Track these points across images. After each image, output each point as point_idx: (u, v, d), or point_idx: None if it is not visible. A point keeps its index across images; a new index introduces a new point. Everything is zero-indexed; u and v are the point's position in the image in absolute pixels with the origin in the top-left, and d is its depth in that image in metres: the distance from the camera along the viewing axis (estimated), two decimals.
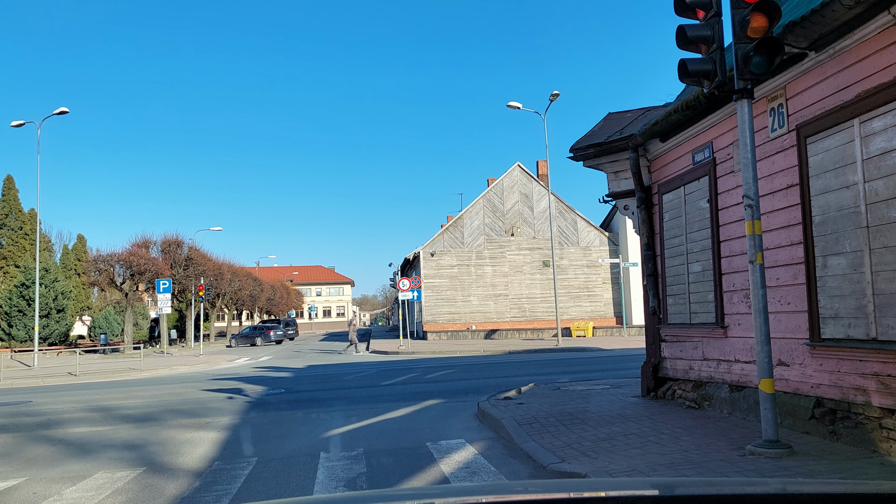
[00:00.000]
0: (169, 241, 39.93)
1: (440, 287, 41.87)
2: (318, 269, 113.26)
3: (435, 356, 25.46)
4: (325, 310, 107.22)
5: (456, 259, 42.20)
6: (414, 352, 27.47)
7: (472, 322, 41.47)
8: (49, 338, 41.08)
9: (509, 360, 20.94)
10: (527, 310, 42.22)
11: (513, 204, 42.94)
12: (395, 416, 9.64)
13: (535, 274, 42.54)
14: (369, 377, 16.82)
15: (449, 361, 21.36)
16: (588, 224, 43.13)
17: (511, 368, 17.83)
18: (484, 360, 21.82)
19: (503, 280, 42.29)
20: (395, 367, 19.65)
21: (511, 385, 12.73)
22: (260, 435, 8.77)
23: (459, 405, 10.59)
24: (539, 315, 42.14)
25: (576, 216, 43.11)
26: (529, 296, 42.27)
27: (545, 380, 12.68)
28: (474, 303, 41.85)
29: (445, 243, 42.21)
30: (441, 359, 23.32)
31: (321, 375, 18.21)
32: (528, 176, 43.18)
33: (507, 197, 42.95)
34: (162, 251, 39.81)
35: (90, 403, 13.10)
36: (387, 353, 28.18)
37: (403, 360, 23.17)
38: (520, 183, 43.10)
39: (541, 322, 41.67)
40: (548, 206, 43.04)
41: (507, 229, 42.69)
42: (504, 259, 42.43)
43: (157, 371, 23.63)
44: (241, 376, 18.72)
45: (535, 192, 43.09)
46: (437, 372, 17.06)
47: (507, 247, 42.54)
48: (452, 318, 41.65)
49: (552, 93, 26.09)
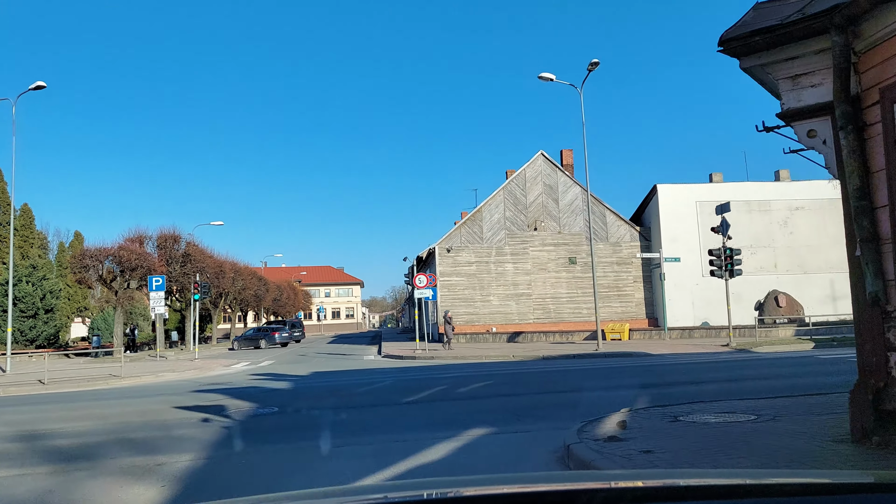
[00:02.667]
0: (165, 236, 36.98)
1: (457, 286, 38.69)
2: (326, 269, 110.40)
3: (458, 362, 22.25)
4: (333, 311, 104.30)
5: (474, 255, 39.00)
6: (433, 357, 24.29)
7: (492, 324, 38.24)
8: (36, 340, 38.19)
9: (550, 368, 17.69)
10: (551, 311, 38.95)
11: (536, 196, 39.71)
12: (431, 461, 6.46)
13: (560, 272, 39.28)
14: (386, 391, 13.64)
15: (479, 369, 18.15)
16: (617, 217, 39.84)
17: (560, 379, 14.61)
18: (519, 368, 18.58)
19: (526, 279, 39.05)
20: (416, 377, 16.47)
21: (575, 403, 9.54)
22: (225, 493, 5.62)
23: (521, 438, 7.43)
24: (565, 316, 38.85)
25: (604, 209, 39.82)
26: (554, 296, 39.01)
27: (623, 399, 9.46)
28: (494, 303, 38.63)
29: (463, 239, 39.02)
30: (467, 366, 20.11)
31: (326, 387, 15.04)
32: (552, 166, 39.94)
33: (529, 188, 39.71)
34: (158, 246, 36.86)
35: (21, 427, 10.00)
36: (402, 359, 25.02)
37: (423, 368, 19.98)
38: (543, 173, 39.87)
39: (567, 324, 38.38)
40: (574, 199, 39.85)
41: (530, 223, 39.46)
42: (526, 256, 39.19)
43: (139, 378, 20.57)
44: (231, 387, 15.61)
45: (561, 182, 39.85)
46: (470, 384, 13.84)
47: (530, 242, 39.30)
48: (471, 319, 38.42)
49: (591, 62, 22.82)
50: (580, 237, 39.50)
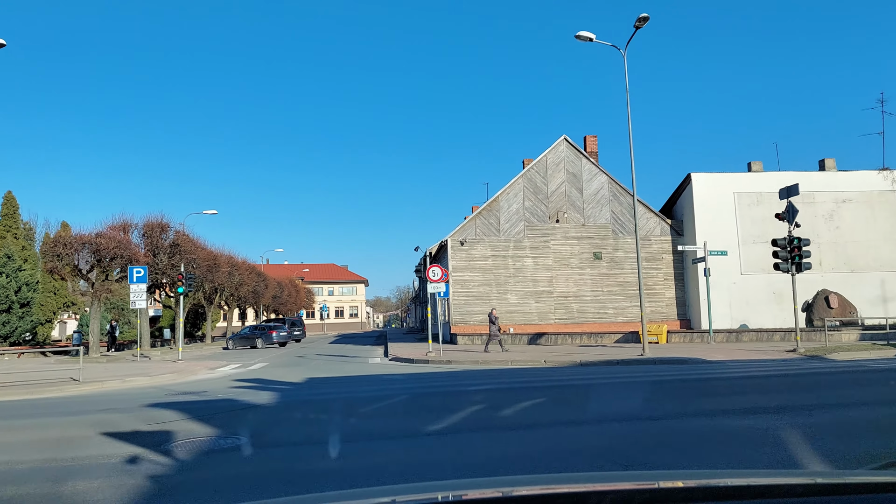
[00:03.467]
0: (152, 225, 33.68)
1: (471, 282, 35.29)
2: (330, 267, 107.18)
3: (481, 367, 18.84)
4: (337, 310, 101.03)
5: (490, 249, 35.60)
6: (449, 360, 20.89)
7: (509, 324, 34.81)
8: (11, 336, 34.95)
9: (604, 379, 14.24)
10: (574, 310, 35.51)
11: (558, 185, 36.27)
12: None
13: (584, 268, 35.83)
14: (400, 411, 10.18)
15: (511, 378, 14.74)
16: (647, 209, 36.37)
17: (631, 395, 11.17)
18: (562, 377, 15.13)
19: (546, 275, 35.62)
20: (437, 388, 13.08)
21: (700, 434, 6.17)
22: None
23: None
24: (589, 317, 35.41)
25: (632, 200, 36.30)
26: (578, 294, 35.57)
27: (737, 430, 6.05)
28: (512, 301, 35.21)
29: (478, 230, 35.62)
30: (495, 373, 16.70)
31: (321, 402, 11.65)
32: (576, 152, 36.50)
33: (551, 176, 36.28)
34: (143, 236, 33.56)
35: None
36: (413, 362, 21.64)
37: (442, 375, 16.59)
38: (567, 160, 36.44)
39: (593, 325, 34.93)
40: (600, 188, 36.41)
41: (552, 215, 36.03)
42: (547, 250, 35.76)
43: (101, 384, 17.25)
44: (200, 399, 12.26)
45: (585, 170, 36.40)
46: (514, 402, 10.38)
47: (552, 235, 35.87)
48: (485, 318, 34.97)
49: (639, 17, 19.36)
50: (606, 230, 36.08)
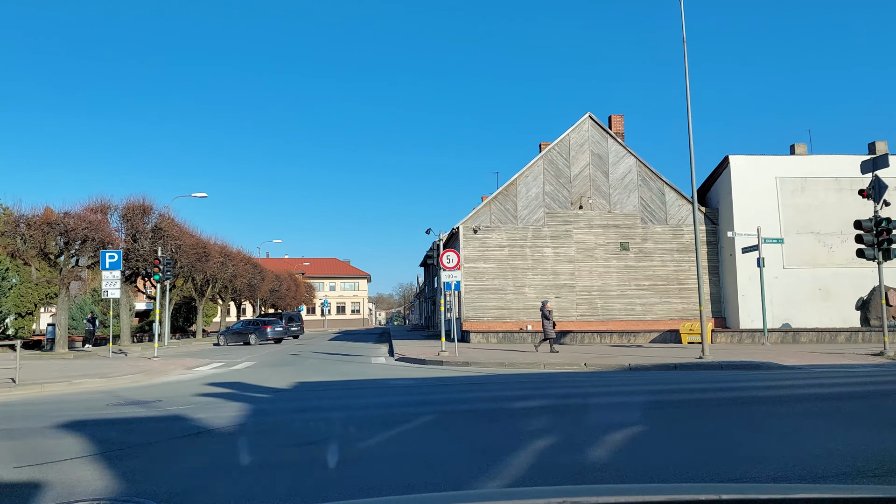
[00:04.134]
0: (133, 206, 30.38)
1: (485, 274, 31.94)
2: (332, 261, 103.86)
3: (509, 371, 15.48)
4: (339, 306, 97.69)
5: (506, 238, 32.24)
6: (467, 361, 17.53)
7: (527, 320, 31.46)
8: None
9: (686, 390, 10.84)
10: (599, 306, 32.14)
11: (582, 167, 32.88)
12: None
13: (610, 259, 32.45)
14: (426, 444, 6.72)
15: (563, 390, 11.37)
16: (678, 195, 32.97)
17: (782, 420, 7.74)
18: (628, 387, 11.70)
19: (568, 267, 32.25)
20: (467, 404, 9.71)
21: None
22: None
23: None
24: (615, 313, 32.04)
25: (663, 185, 32.98)
26: (603, 288, 32.19)
27: None
28: (530, 295, 31.83)
29: (493, 217, 32.25)
30: (533, 379, 13.31)
31: (305, 423, 8.28)
32: (601, 131, 33.11)
33: (574, 158, 32.89)
34: (123, 218, 30.27)
35: None
36: (424, 364, 18.31)
37: (463, 381, 13.23)
38: (592, 140, 33.04)
39: (619, 323, 31.57)
40: (628, 171, 33.01)
41: (574, 200, 32.65)
42: (570, 239, 32.39)
43: (39, 388, 13.99)
44: (137, 417, 8.97)
45: (612, 152, 33.00)
46: (598, 432, 6.82)
47: (574, 223, 32.50)
48: (501, 314, 31.67)
49: None
50: (634, 218, 32.69)
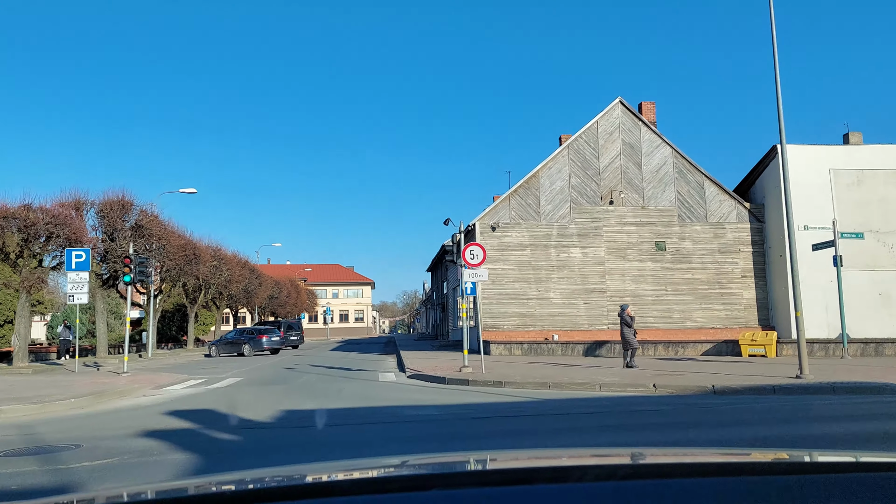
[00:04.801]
0: (110, 202, 27.08)
1: (505, 276, 28.53)
2: (334, 267, 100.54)
3: (558, 395, 12.01)
4: (342, 313, 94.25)
5: (528, 236, 28.85)
6: (500, 381, 14.09)
7: (552, 329, 28.03)
8: None
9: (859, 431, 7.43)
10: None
11: (612, 158, 29.51)
12: None
13: (644, 261, 29.03)
14: None
15: (652, 426, 7.94)
16: (720, 189, 29.57)
17: None
18: (734, 421, 8.29)
19: (598, 269, 28.83)
20: None
21: None
22: None
23: None
24: (651, 321, 28.55)
25: (702, 178, 29.59)
26: (636, 293, 28.74)
27: None
28: (555, 301, 28.42)
29: (513, 213, 28.89)
30: (597, 407, 9.89)
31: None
32: (633, 118, 29.76)
33: (603, 148, 29.53)
34: (100, 215, 26.99)
35: None
36: (444, 382, 14.90)
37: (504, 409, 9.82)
38: (623, 128, 29.69)
39: (654, 332, 28.06)
40: (663, 163, 29.63)
41: (604, 195, 29.27)
42: (599, 238, 28.98)
43: None
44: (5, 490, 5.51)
45: (645, 141, 29.64)
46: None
47: (604, 220, 29.10)
48: (523, 322, 28.23)
49: None
50: (670, 215, 29.29)
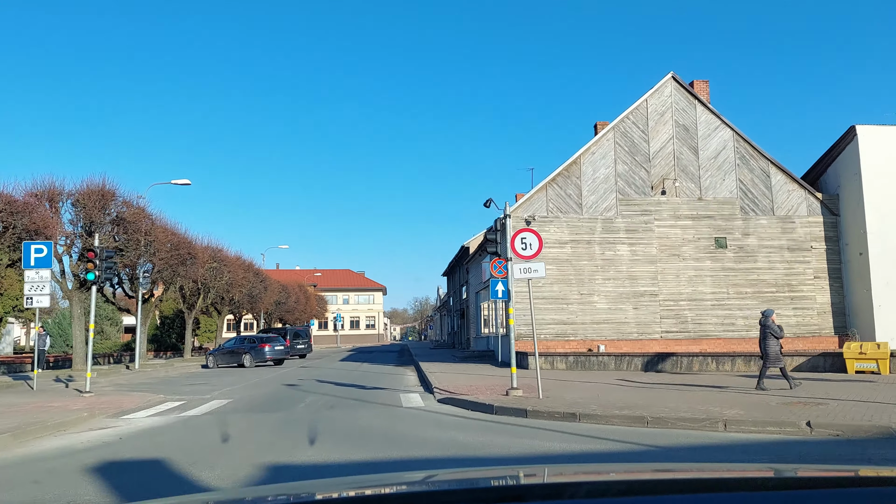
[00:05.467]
0: (89, 192, 23.59)
1: (542, 278, 24.69)
2: (345, 273, 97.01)
3: (670, 442, 8.17)
4: (352, 320, 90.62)
5: (568, 231, 25.05)
6: (573, 413, 10.29)
7: (597, 339, 24.20)
8: None
9: None
10: (689, 321, 24.78)
11: (664, 142, 25.70)
12: None
13: (702, 259, 25.15)
14: None
15: None
16: (788, 178, 25.66)
17: None
18: None
19: (649, 269, 24.98)
20: None
21: None
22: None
23: None
24: (709, 329, 24.66)
25: (767, 164, 25.70)
26: (693, 296, 24.86)
27: None
28: (600, 306, 24.58)
29: (550, 204, 25.12)
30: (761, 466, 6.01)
31: None
32: (687, 96, 25.95)
33: (654, 130, 25.73)
34: (76, 206, 23.52)
35: None
36: (493, 412, 11.16)
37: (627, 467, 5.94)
38: (676, 108, 25.88)
39: (713, 342, 24.21)
40: (723, 147, 25.76)
41: (655, 184, 25.44)
42: (650, 233, 25.14)
43: None
44: None
45: (701, 122, 25.81)
46: None
47: (656, 213, 25.27)
48: (563, 330, 24.38)
49: None
50: (732, 207, 25.41)
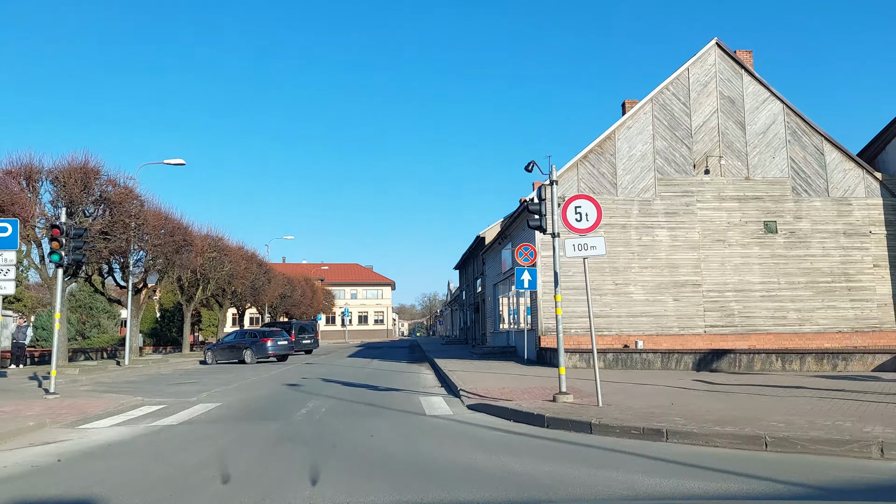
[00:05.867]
0: (71, 170, 21.33)
1: (571, 266, 22.26)
2: (353, 267, 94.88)
3: (820, 479, 5.71)
4: (360, 315, 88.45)
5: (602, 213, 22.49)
6: (654, 426, 7.86)
7: (634, 334, 21.76)
8: None
9: None
10: (736, 313, 22.29)
11: (707, 116, 23.18)
12: None
13: (749, 246, 22.65)
14: None
15: None
16: (844, 156, 23.11)
17: None
18: None
19: (691, 257, 22.50)
20: None
21: None
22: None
23: None
24: (758, 323, 22.19)
25: (822, 141, 23.14)
26: (740, 287, 22.38)
27: None
28: (637, 297, 22.12)
29: (582, 184, 22.64)
30: None
31: None
32: (733, 66, 23.41)
33: (696, 103, 23.21)
34: (55, 184, 21.28)
35: None
36: (543, 426, 8.77)
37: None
38: (720, 78, 23.35)
39: (762, 337, 21.75)
40: (772, 122, 23.21)
41: (698, 162, 22.95)
42: (691, 217, 22.65)
43: None
44: None
45: (748, 94, 23.27)
46: None
47: (699, 194, 22.78)
48: (596, 324, 21.71)
49: None
50: (782, 188, 22.90)
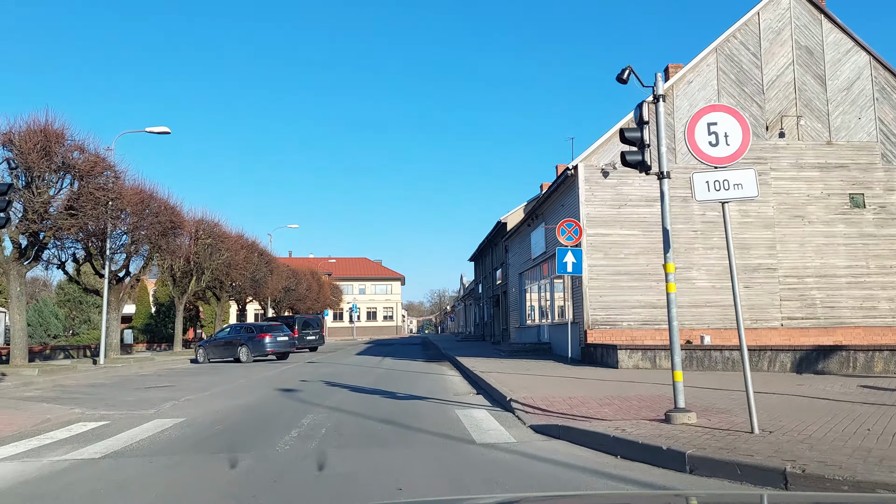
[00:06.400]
0: (31, 132, 18.01)
1: (623, 246, 18.77)
2: (362, 261, 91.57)
3: None
4: (369, 311, 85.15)
5: (655, 185, 18.95)
6: None
7: (697, 327, 18.16)
8: None
9: None
10: (817, 302, 18.69)
11: (781, 68, 19.57)
12: None
13: (833, 223, 19.05)
14: None
15: None
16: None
17: None
18: None
19: (764, 235, 18.92)
20: None
21: None
22: None
23: None
24: (844, 315, 18.61)
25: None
26: (822, 271, 18.79)
27: None
28: (700, 284, 18.53)
29: None
30: None
31: None
32: (811, 10, 19.80)
33: (768, 53, 19.61)
34: (6, 148, 17.96)
35: None
36: (687, 474, 5.24)
37: None
38: (796, 24, 19.73)
39: (849, 331, 18.17)
40: (857, 76, 19.50)
41: (771, 123, 19.34)
42: (765, 188, 18.96)
43: None
44: None
45: (829, 44, 19.65)
46: None
47: (772, 161, 19.18)
48: (652, 315, 18.28)
49: None
50: (870, 154, 19.29)
